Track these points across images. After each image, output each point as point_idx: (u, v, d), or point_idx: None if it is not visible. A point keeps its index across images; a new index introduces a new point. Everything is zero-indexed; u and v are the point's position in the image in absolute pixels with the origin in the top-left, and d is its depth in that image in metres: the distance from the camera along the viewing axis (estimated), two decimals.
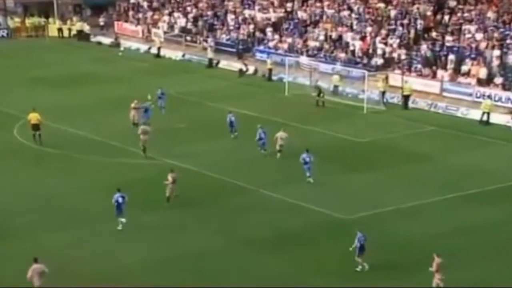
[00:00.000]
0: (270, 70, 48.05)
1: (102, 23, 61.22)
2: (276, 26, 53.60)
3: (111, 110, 37.88)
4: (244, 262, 22.72)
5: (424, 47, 45.66)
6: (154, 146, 32.32)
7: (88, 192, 27.55)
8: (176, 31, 57.90)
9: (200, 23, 57.56)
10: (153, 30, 58.94)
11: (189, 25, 57.86)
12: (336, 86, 44.51)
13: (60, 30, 60.71)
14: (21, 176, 28.75)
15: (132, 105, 35.79)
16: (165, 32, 58.13)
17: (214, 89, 45.05)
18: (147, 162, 30.91)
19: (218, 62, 52.05)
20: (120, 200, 24.61)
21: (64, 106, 38.89)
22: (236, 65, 50.47)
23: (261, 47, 52.50)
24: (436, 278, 20.42)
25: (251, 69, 49.78)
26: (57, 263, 21.82)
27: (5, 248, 22.63)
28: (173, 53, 54.73)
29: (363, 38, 48.80)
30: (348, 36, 49.56)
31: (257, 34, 53.94)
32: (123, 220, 24.59)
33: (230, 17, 56.48)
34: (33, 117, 33.22)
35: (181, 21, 58.34)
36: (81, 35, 59.92)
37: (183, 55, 54.36)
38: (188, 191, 27.91)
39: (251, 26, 54.60)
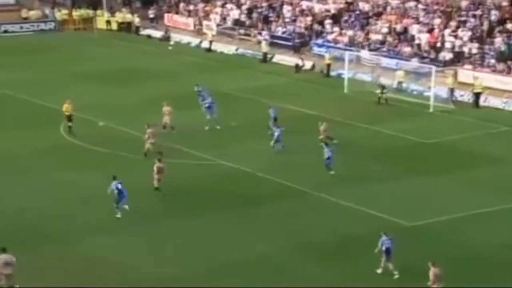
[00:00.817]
0: (329, 65, 47.90)
1: (152, 15, 62.09)
2: (336, 18, 53.39)
3: (159, 108, 38.36)
4: (298, 268, 22.72)
5: (498, 40, 44.77)
6: (205, 145, 32.64)
7: (137, 193, 27.98)
8: (229, 24, 58.28)
9: (254, 15, 57.80)
10: (205, 22, 59.46)
11: (243, 17, 58.17)
12: (400, 83, 44.07)
13: (108, 22, 61.85)
14: (66, 176, 29.28)
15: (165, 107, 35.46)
16: (217, 25, 58.57)
17: (268, 86, 45.14)
18: (199, 163, 31.25)
19: (273, 57, 52.17)
20: (120, 186, 25.49)
21: (112, 103, 39.60)
22: (292, 59, 50.48)
23: (319, 41, 52.38)
24: None
25: (308, 64, 49.72)
26: (104, 268, 22.33)
27: (42, 254, 23.05)
28: (226, 47, 55.12)
29: (430, 31, 48.15)
30: (414, 29, 48.99)
31: (315, 26, 53.84)
32: (126, 207, 25.54)
33: (287, 8, 56.52)
34: (66, 108, 34.42)
35: (235, 13, 58.70)
36: (130, 28, 60.95)
37: (236, 49, 54.70)
38: (240, 193, 28.11)
39: (309, 18, 54.54)
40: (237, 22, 57.88)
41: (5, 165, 30.69)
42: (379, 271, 22.21)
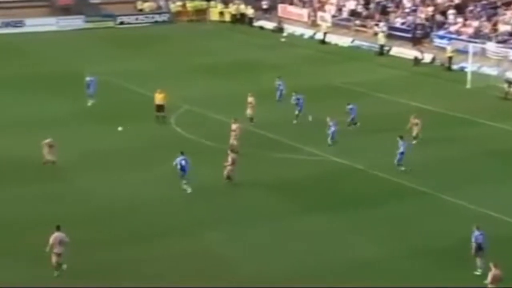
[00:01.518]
0: (450, 58, 46.01)
1: (265, 6, 62.02)
2: (460, 8, 51.19)
3: (271, 102, 38.05)
4: (415, 274, 21.71)
5: None
6: (316, 140, 31.99)
7: (248, 188, 27.74)
8: (345, 15, 57.27)
9: (371, 5, 56.50)
10: (320, 13, 58.74)
11: (359, 8, 56.99)
12: None
13: (221, 14, 62.38)
14: (174, 169, 29.38)
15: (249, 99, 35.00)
16: (332, 16, 57.71)
17: (385, 79, 43.94)
18: (310, 159, 30.64)
19: (390, 49, 50.75)
20: (183, 163, 26.74)
21: (224, 96, 39.64)
22: (410, 52, 48.91)
23: (441, 32, 50.41)
24: None
25: (427, 57, 47.99)
26: (213, 261, 22.19)
27: (167, 245, 23.19)
28: (340, 39, 54.16)
29: None
30: None
31: (437, 17, 51.85)
32: (187, 187, 26.68)
33: None
34: (159, 97, 34.47)
35: (351, 4, 57.61)
36: (243, 19, 61.16)
37: (352, 41, 53.63)
38: (352, 191, 27.33)
39: (430, 8, 52.61)
40: (353, 13, 56.80)
41: (119, 157, 31.15)
42: (478, 272, 21.25)
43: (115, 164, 30.14)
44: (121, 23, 60.49)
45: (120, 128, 33.49)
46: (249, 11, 61.24)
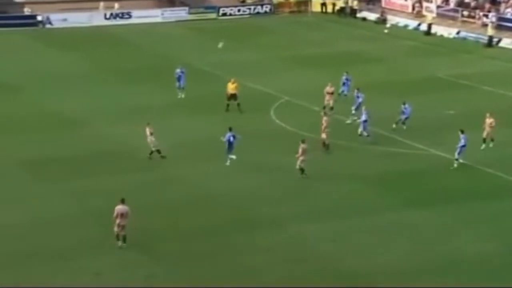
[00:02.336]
0: None
1: None
2: None
3: (375, 94, 37.51)
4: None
5: None
6: (420, 134, 31.36)
7: (348, 182, 27.55)
8: (452, 5, 55.73)
9: None
10: (425, 4, 57.43)
11: None
12: None
13: (323, 5, 62.06)
14: (273, 161, 29.53)
15: (327, 88, 34.95)
16: (438, 6, 56.32)
17: (493, 72, 42.59)
18: (413, 153, 30.10)
19: (499, 41, 49.00)
20: (232, 139, 28.60)
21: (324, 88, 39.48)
22: None
23: None
24: None
25: None
26: (309, 256, 22.22)
27: (256, 238, 23.45)
28: (446, 30, 52.79)
29: None
30: None
31: None
32: (233, 157, 28.37)
33: None
34: (231, 87, 35.30)
35: None
36: (345, 11, 60.60)
37: (458, 33, 52.15)
38: (458, 186, 26.82)
39: None
40: (461, 3, 55.17)
41: (208, 146, 31.51)
42: None
43: (206, 154, 30.49)
44: (224, 14, 61.28)
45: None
46: (354, 3, 60.52)
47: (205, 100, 37.17)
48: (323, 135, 30.49)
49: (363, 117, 31.34)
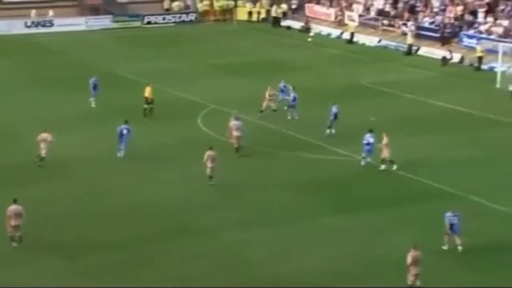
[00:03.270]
0: (480, 58, 45.72)
1: (294, 6, 61.97)
2: (491, 7, 50.81)
3: (300, 101, 38.11)
4: (439, 273, 21.71)
5: None
6: (345, 141, 32.00)
7: (277, 190, 27.88)
8: (372, 14, 57.16)
9: (400, 4, 56.32)
10: (347, 13, 58.67)
11: (388, 7, 56.83)
12: None
13: (249, 13, 62.50)
14: (199, 168, 29.61)
15: (268, 92, 35.81)
16: (360, 15, 57.62)
17: (413, 79, 43.83)
18: (339, 159, 30.67)
19: (418, 49, 50.57)
20: (125, 132, 29.77)
21: (250, 96, 39.76)
22: (439, 52, 48.69)
23: (470, 32, 50.10)
24: (411, 274, 20.32)
25: (456, 57, 47.74)
26: (239, 264, 22.37)
27: (186, 247, 23.43)
28: (368, 39, 54.08)
29: None
30: None
31: (467, 16, 51.55)
32: (122, 148, 29.82)
33: None
34: (147, 91, 36.01)
35: (379, 3, 57.47)
36: (271, 19, 61.12)
37: (379, 41, 53.52)
38: (385, 193, 27.33)
39: (460, 8, 52.30)
40: (381, 13, 56.64)
41: (145, 155, 31.47)
42: (445, 247, 22.83)
43: (141, 163, 30.46)
44: (148, 22, 60.95)
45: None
46: (278, 11, 61.10)
47: (132, 109, 36.94)
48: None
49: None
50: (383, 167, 29.31)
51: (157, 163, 30.50)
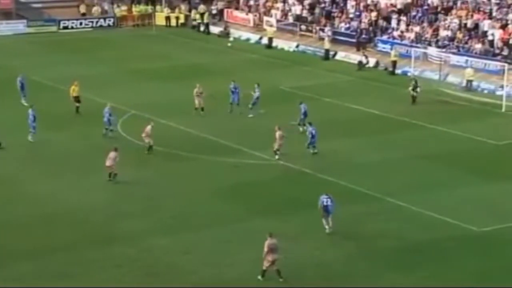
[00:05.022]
0: (394, 62, 47.27)
1: (214, 11, 62.30)
2: (403, 13, 52.62)
3: (218, 107, 38.58)
4: (361, 274, 22.47)
5: None
6: (266, 145, 32.56)
7: (197, 194, 28.12)
8: (290, 20, 58.13)
9: (317, 10, 57.47)
10: (265, 18, 59.45)
11: (305, 13, 57.88)
12: (469, 81, 43.13)
13: (167, 18, 62.48)
14: (124, 175, 29.58)
15: (196, 90, 37.25)
16: (278, 21, 58.49)
17: (331, 83, 44.84)
18: (260, 163, 31.16)
19: (335, 54, 51.80)
20: (31, 116, 32.28)
21: (171, 101, 39.92)
22: (355, 57, 50.03)
23: (384, 37, 51.75)
24: (266, 260, 21.46)
25: (372, 62, 49.18)
26: (162, 270, 22.49)
27: (109, 253, 23.42)
28: (286, 44, 54.97)
29: (503, 27, 46.94)
30: (485, 24, 47.87)
31: (380, 22, 53.20)
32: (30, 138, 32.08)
33: (351, 3, 56.00)
34: (75, 89, 37.27)
35: (296, 9, 58.48)
36: (190, 24, 61.25)
37: (297, 46, 54.49)
38: (302, 196, 27.85)
39: (374, 14, 53.90)
40: (299, 18, 57.65)
41: (61, 162, 31.24)
42: (327, 230, 24.49)
43: (58, 169, 30.17)
44: (65, 27, 60.05)
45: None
46: (196, 16, 61.40)
47: (51, 114, 36.50)
48: (147, 140, 31.83)
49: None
50: (277, 157, 30.72)
51: (76, 169, 30.27)
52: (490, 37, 46.90)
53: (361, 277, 22.32)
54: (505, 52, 45.26)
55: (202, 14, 60.95)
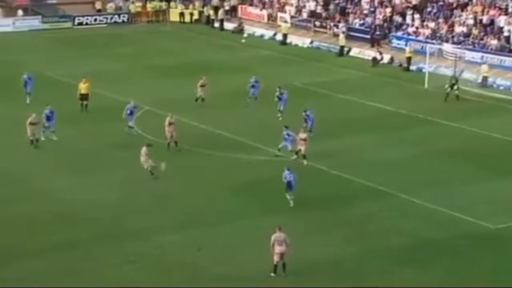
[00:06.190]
0: (409, 58, 47.00)
1: (227, 7, 62.26)
2: (417, 9, 52.28)
3: (232, 103, 38.49)
4: (373, 272, 22.34)
5: None
6: (279, 141, 32.44)
7: (211, 191, 28.07)
8: (305, 16, 57.95)
9: (331, 6, 57.26)
10: (280, 14, 59.32)
11: (319, 9, 57.70)
12: (485, 78, 42.80)
13: (181, 14, 62.52)
14: (138, 171, 29.55)
15: (200, 82, 37.73)
16: (292, 17, 58.33)
17: (345, 80, 44.67)
18: (276, 160, 31.08)
19: (349, 50, 51.58)
20: (49, 114, 32.31)
21: (185, 98, 39.88)
22: (369, 53, 49.78)
23: (399, 33, 51.43)
24: (274, 254, 21.63)
25: (386, 58, 48.92)
26: (174, 266, 22.45)
27: (121, 250, 23.38)
28: (300, 40, 54.82)
29: None
30: (501, 20, 47.45)
31: (395, 18, 52.88)
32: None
33: None
34: (83, 87, 36.76)
35: (311, 5, 58.30)
36: (207, 20, 61.23)
37: (311, 42, 54.33)
38: (316, 193, 27.75)
39: (389, 10, 53.60)
40: (313, 14, 57.48)
41: (73, 160, 31.26)
42: (291, 204, 25.86)
43: (73, 166, 30.21)
44: (80, 24, 60.21)
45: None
46: (210, 12, 61.41)
47: (65, 111, 36.54)
48: (169, 134, 31.65)
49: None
50: (294, 157, 30.43)
51: (89, 166, 30.31)
52: (506, 33, 46.48)
53: (374, 274, 22.19)
54: None
55: (216, 9, 60.93)
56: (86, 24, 60.42)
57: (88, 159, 31.10)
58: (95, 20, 61.05)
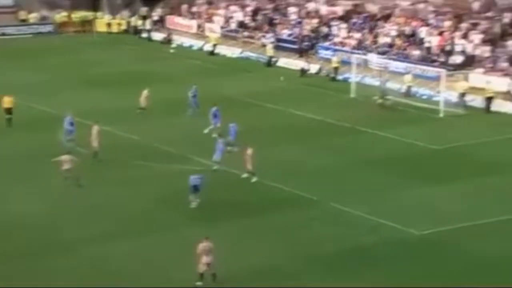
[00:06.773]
0: (336, 68, 47.93)
1: (156, 18, 62.06)
2: (343, 20, 53.42)
3: (162, 113, 38.45)
4: (303, 278, 22.71)
5: (511, 43, 44.70)
6: (206, 151, 32.61)
7: (140, 201, 28.00)
8: (233, 26, 58.36)
9: (259, 17, 57.88)
10: (208, 25, 59.55)
11: (247, 20, 58.23)
12: (408, 87, 44.07)
13: (109, 25, 61.97)
14: (68, 183, 29.23)
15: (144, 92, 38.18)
16: (221, 28, 58.65)
17: (274, 90, 45.14)
18: (203, 169, 31.17)
19: (277, 60, 52.19)
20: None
21: (114, 108, 39.60)
22: (297, 63, 50.52)
23: (326, 44, 52.41)
24: (201, 263, 21.80)
25: (314, 68, 49.74)
26: (107, 276, 22.34)
27: (52, 264, 23.10)
28: (229, 50, 55.17)
29: (440, 34, 48.14)
30: (423, 32, 48.99)
31: (322, 29, 53.88)
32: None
33: (292, 10, 56.60)
34: (7, 101, 36.58)
35: (239, 15, 58.77)
36: (135, 31, 60.90)
37: (240, 53, 54.75)
38: (248, 201, 28.02)
39: (315, 21, 54.57)
40: (241, 25, 57.95)
41: (1, 169, 30.71)
42: (193, 205, 26.86)
43: (7, 177, 29.66)
44: (3, 34, 58.96)
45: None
46: (138, 22, 61.11)
47: None
48: (94, 144, 31.47)
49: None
50: (245, 175, 30.10)
51: (15, 177, 29.80)
52: (427, 44, 48.02)
53: (304, 281, 22.46)
54: (442, 59, 46.40)
55: (144, 19, 60.67)
56: (9, 34, 59.19)
57: (13, 170, 30.54)
58: (19, 30, 59.89)
